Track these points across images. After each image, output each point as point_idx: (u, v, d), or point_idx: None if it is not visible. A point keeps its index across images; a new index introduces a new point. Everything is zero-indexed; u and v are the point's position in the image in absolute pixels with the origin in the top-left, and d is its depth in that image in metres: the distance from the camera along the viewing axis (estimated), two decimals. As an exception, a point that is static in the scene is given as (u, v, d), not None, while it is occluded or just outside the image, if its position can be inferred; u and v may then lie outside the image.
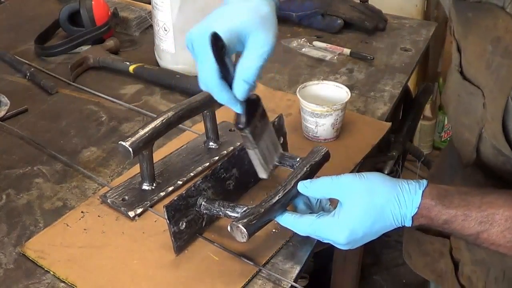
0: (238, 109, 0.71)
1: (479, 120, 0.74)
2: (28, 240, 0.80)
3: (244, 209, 0.73)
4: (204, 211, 0.79)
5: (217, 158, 0.96)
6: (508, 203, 0.65)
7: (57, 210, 0.87)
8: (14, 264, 0.77)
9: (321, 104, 0.98)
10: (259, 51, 0.69)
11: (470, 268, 0.85)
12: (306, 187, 0.73)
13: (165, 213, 0.74)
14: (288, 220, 0.73)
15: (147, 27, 1.49)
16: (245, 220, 0.70)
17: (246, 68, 0.69)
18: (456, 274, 0.89)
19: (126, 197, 0.87)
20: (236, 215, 0.74)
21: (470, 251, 0.85)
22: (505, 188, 0.68)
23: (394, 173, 1.61)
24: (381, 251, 2.08)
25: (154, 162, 0.88)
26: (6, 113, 1.10)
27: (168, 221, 0.75)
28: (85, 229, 0.82)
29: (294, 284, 0.74)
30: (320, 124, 0.99)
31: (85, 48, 1.34)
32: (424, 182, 0.69)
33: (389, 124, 1.09)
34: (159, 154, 0.96)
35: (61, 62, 1.32)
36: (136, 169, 0.92)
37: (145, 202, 0.86)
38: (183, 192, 0.77)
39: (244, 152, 0.80)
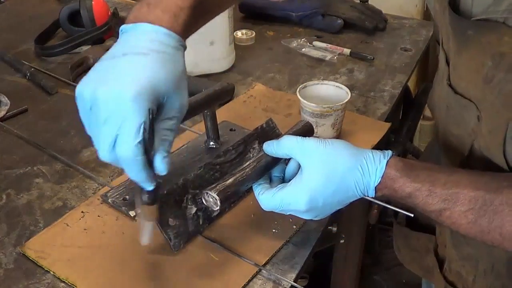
0: (151, 186, 0.64)
1: (471, 132, 0.74)
2: (28, 240, 0.80)
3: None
4: (192, 205, 0.79)
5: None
6: (473, 183, 0.65)
7: (57, 210, 0.87)
8: (14, 264, 0.77)
9: (321, 104, 0.98)
10: (176, 118, 0.62)
11: (458, 263, 0.85)
12: (269, 145, 0.73)
13: None
14: (257, 191, 0.73)
15: (147, 27, 1.48)
16: (213, 186, 0.70)
17: (166, 139, 0.61)
18: (441, 271, 0.89)
19: (127, 197, 0.87)
20: None
21: (456, 248, 0.85)
22: None
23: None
24: (381, 251, 2.08)
25: (154, 162, 0.88)
26: (6, 113, 1.10)
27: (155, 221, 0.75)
28: (85, 229, 0.82)
29: (294, 284, 0.74)
30: (320, 124, 0.99)
31: (85, 48, 1.34)
32: (389, 152, 0.68)
33: (389, 124, 1.09)
34: (159, 154, 0.96)
35: (61, 62, 1.31)
36: (136, 169, 0.91)
37: (145, 202, 0.86)
38: (164, 190, 0.78)
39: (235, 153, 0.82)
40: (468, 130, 0.74)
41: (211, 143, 0.98)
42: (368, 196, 0.69)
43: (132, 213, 0.84)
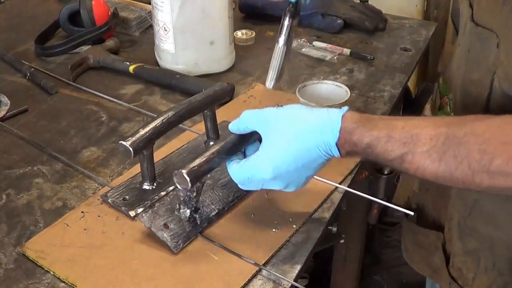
0: None
1: (491, 66, 0.72)
2: (28, 240, 0.80)
3: None
4: (185, 208, 0.80)
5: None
6: (433, 123, 0.62)
7: (57, 210, 0.87)
8: (14, 264, 0.77)
9: (321, 104, 0.98)
10: None
11: (461, 259, 0.85)
12: (233, 123, 0.74)
13: (143, 224, 0.78)
14: (229, 165, 0.74)
15: (147, 27, 1.49)
16: (183, 166, 0.72)
17: None
18: (447, 267, 0.89)
19: (127, 197, 0.87)
20: None
21: (462, 241, 0.85)
22: None
23: (394, 173, 1.61)
24: (381, 251, 2.08)
25: (154, 161, 0.88)
26: (6, 113, 1.10)
27: (150, 229, 0.77)
28: (85, 229, 0.82)
29: (294, 284, 0.74)
30: (320, 124, 0.99)
31: (85, 48, 1.34)
32: (345, 107, 0.68)
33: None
34: (159, 153, 0.96)
35: (61, 62, 1.32)
36: (136, 168, 0.92)
37: (146, 202, 0.86)
38: (155, 206, 0.80)
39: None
40: (488, 65, 0.73)
41: (211, 143, 0.98)
42: (333, 155, 0.68)
43: (132, 213, 0.84)
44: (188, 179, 0.71)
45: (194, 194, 0.78)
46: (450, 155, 0.60)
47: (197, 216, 0.80)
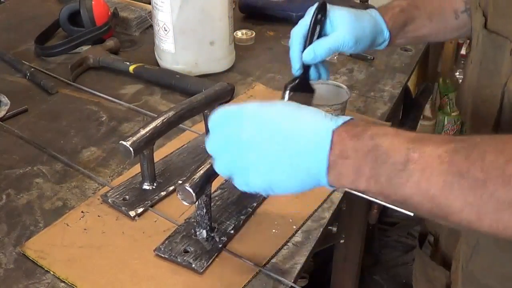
0: (296, 69, 0.82)
1: (503, 77, 0.70)
2: (28, 240, 0.80)
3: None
4: (200, 229, 0.79)
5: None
6: (441, 137, 0.54)
7: (57, 210, 0.87)
8: (14, 264, 0.77)
9: (321, 104, 0.98)
10: (337, 42, 0.81)
11: None
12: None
13: (161, 255, 0.77)
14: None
15: (147, 27, 1.49)
16: (185, 179, 0.72)
17: (321, 43, 0.80)
18: None
19: (127, 197, 0.87)
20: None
21: (464, 286, 0.83)
22: None
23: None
24: (381, 251, 2.08)
25: (154, 161, 0.88)
26: (6, 113, 1.10)
27: (170, 257, 0.76)
28: (85, 229, 0.82)
29: (293, 285, 0.74)
30: (320, 124, 0.99)
31: (85, 48, 1.34)
32: (339, 121, 0.55)
33: (389, 124, 1.09)
34: (159, 153, 0.96)
35: (61, 62, 1.32)
36: (136, 168, 0.92)
37: (146, 202, 0.86)
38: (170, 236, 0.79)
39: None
40: (501, 77, 0.70)
41: (211, 144, 0.98)
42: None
43: (132, 213, 0.84)
44: (192, 192, 0.70)
45: (204, 210, 0.77)
46: (461, 156, 0.50)
47: (214, 234, 0.80)
